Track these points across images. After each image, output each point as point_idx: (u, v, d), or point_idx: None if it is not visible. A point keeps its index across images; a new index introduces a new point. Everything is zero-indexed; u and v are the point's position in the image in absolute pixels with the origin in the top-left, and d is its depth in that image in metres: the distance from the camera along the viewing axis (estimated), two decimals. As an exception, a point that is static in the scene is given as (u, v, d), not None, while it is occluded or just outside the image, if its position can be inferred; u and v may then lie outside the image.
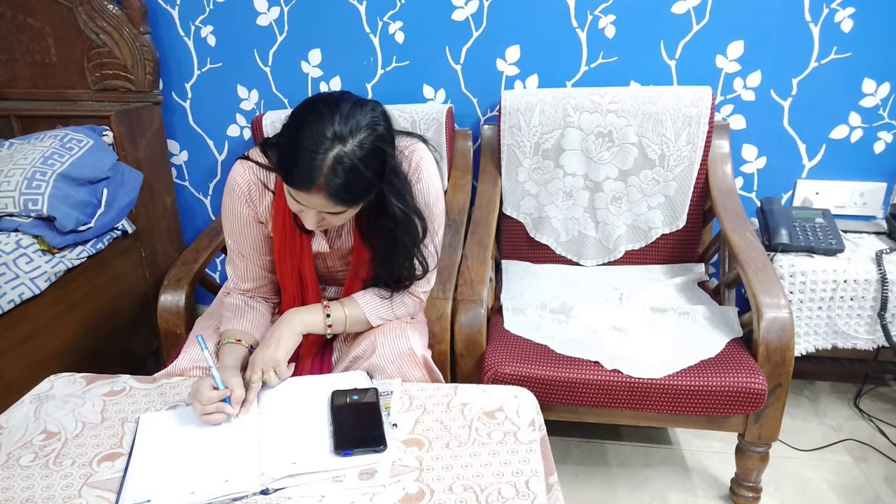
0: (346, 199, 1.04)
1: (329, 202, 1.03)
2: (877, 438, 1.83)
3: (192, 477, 0.94)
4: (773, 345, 1.38)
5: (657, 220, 1.87)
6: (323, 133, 0.99)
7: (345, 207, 1.06)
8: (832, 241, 1.72)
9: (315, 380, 1.17)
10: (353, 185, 1.02)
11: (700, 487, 1.66)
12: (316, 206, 1.05)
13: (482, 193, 1.90)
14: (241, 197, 1.23)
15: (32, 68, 2.10)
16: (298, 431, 1.02)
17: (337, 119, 1.00)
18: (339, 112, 1.01)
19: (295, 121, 1.03)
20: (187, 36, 2.08)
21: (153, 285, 2.09)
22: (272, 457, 0.96)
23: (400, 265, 1.23)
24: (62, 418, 1.09)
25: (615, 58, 1.92)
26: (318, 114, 1.01)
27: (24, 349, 1.64)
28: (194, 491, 0.91)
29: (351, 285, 1.30)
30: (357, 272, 1.28)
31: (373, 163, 1.03)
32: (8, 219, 1.70)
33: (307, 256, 1.27)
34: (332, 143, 0.99)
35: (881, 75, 1.85)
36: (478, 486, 0.91)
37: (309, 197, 1.02)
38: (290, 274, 1.28)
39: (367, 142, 1.02)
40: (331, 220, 1.11)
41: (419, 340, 1.29)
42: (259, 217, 1.26)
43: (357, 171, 1.01)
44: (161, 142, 2.16)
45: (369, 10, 1.97)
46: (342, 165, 0.99)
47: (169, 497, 0.90)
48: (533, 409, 1.08)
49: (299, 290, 1.30)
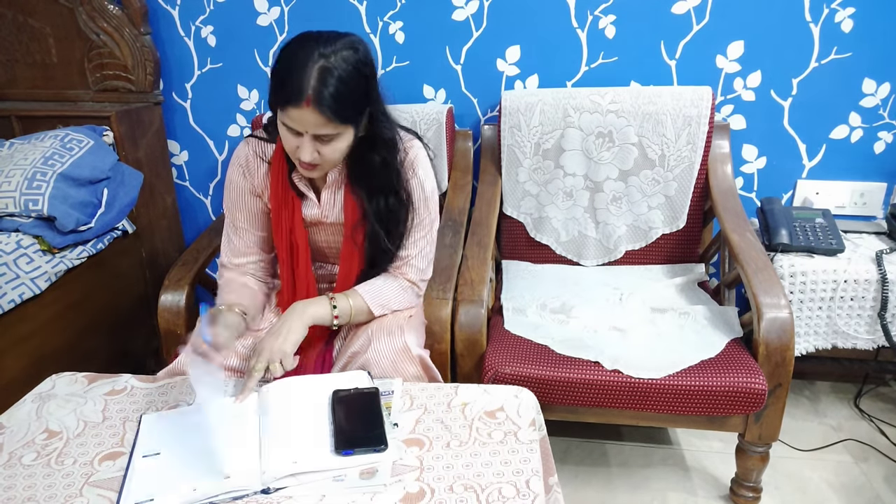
0: (336, 109, 1.08)
1: (320, 116, 1.08)
2: (877, 438, 1.83)
3: (193, 476, 0.94)
4: (774, 345, 1.38)
5: (657, 220, 1.87)
6: (309, 52, 1.08)
7: (336, 125, 1.11)
8: (832, 241, 1.72)
9: (316, 379, 1.17)
10: (340, 94, 1.08)
11: (700, 487, 1.66)
12: (308, 125, 1.10)
13: (482, 193, 1.90)
14: (239, 168, 1.32)
15: (33, 69, 2.10)
16: (299, 431, 1.02)
17: (321, 41, 1.10)
18: (322, 37, 1.11)
19: (282, 52, 1.12)
20: (187, 36, 2.08)
21: (153, 285, 2.09)
22: (273, 456, 0.96)
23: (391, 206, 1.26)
24: (64, 417, 1.09)
25: (615, 58, 1.92)
26: (302, 41, 1.11)
27: (25, 349, 1.64)
28: (195, 489, 0.91)
29: (348, 254, 1.31)
30: (354, 237, 1.29)
31: (358, 77, 1.11)
32: (8, 219, 1.70)
33: (298, 221, 1.30)
34: (318, 58, 1.07)
35: (881, 75, 1.85)
36: (478, 485, 0.91)
37: (300, 113, 1.08)
38: (282, 239, 1.32)
39: (351, 58, 1.10)
40: (325, 152, 1.14)
41: (414, 338, 1.29)
42: (255, 189, 1.33)
43: (343, 80, 1.08)
44: (161, 142, 2.16)
45: (369, 10, 1.97)
46: (330, 75, 1.07)
47: (170, 496, 0.90)
48: (533, 409, 1.08)
49: (290, 256, 1.33)
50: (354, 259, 1.31)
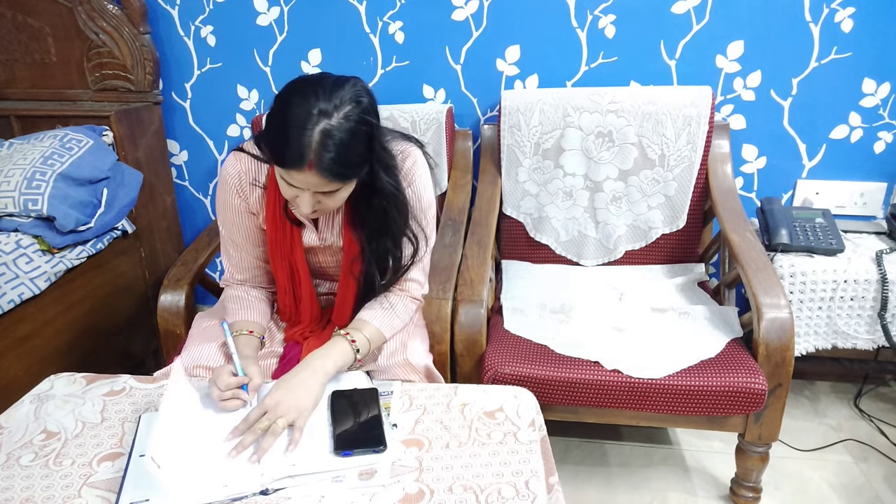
0: (338, 172, 1.03)
1: (322, 179, 1.02)
2: (877, 438, 1.83)
3: (191, 477, 0.93)
4: (773, 345, 1.38)
5: (657, 220, 1.87)
6: (309, 111, 1.00)
7: (338, 184, 1.06)
8: (832, 241, 1.72)
9: None
10: (343, 157, 1.02)
11: (700, 487, 1.66)
12: (309, 185, 1.05)
13: (482, 193, 1.89)
14: (231, 188, 1.25)
15: (32, 68, 2.10)
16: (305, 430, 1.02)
17: (321, 95, 1.01)
18: (322, 89, 1.02)
19: (280, 103, 1.04)
20: (187, 36, 2.08)
21: (153, 285, 2.09)
22: (272, 457, 0.96)
23: (390, 249, 1.23)
24: (62, 418, 1.09)
25: (615, 58, 1.92)
26: (301, 94, 1.02)
27: (24, 349, 1.64)
28: (193, 491, 0.91)
29: (345, 282, 1.29)
30: (351, 269, 1.27)
31: (360, 134, 1.04)
32: (8, 219, 1.70)
33: (298, 249, 1.27)
34: (318, 118, 1.00)
35: (881, 75, 1.85)
36: (478, 486, 0.91)
37: (302, 176, 1.02)
38: (281, 266, 1.29)
39: (353, 114, 1.02)
40: (326, 202, 1.10)
41: (419, 347, 1.29)
42: (250, 208, 1.27)
43: (345, 143, 1.01)
44: (161, 142, 2.16)
45: (369, 10, 1.97)
46: (331, 139, 1.00)
47: (168, 497, 0.90)
48: (533, 409, 1.08)
49: (291, 283, 1.31)
50: (350, 287, 1.29)
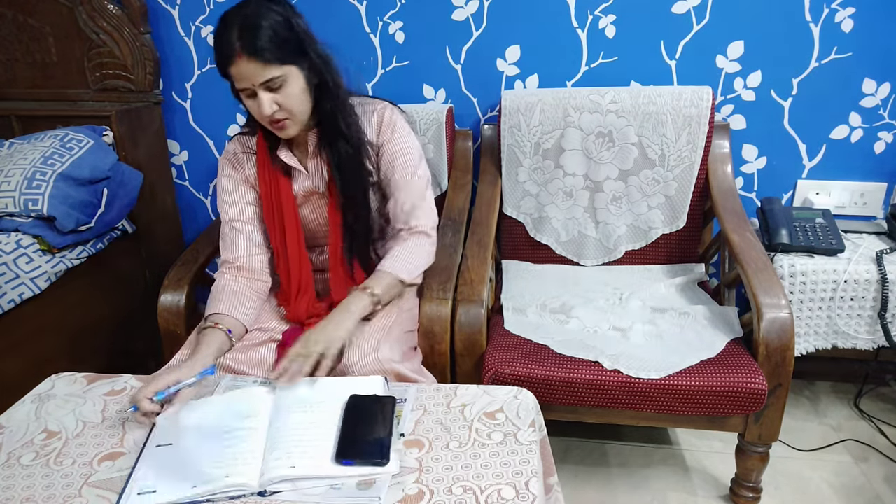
0: (266, 49, 1.15)
1: (255, 62, 1.15)
2: (877, 438, 1.83)
3: (194, 473, 0.94)
4: (774, 345, 1.38)
5: (657, 220, 1.87)
6: (229, 19, 1.17)
7: (274, 67, 1.17)
8: (832, 241, 1.72)
9: (332, 382, 1.15)
10: (264, 37, 1.15)
11: (700, 487, 1.66)
12: (251, 76, 1.17)
13: (482, 193, 1.89)
14: (229, 161, 1.40)
15: (33, 68, 2.10)
16: (305, 435, 1.01)
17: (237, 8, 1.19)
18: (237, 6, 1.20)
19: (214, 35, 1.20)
20: (187, 36, 2.08)
21: (153, 285, 2.08)
22: (274, 459, 0.96)
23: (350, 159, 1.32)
24: (63, 418, 1.09)
25: (615, 58, 1.92)
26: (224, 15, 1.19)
27: (25, 349, 1.64)
28: (196, 485, 0.92)
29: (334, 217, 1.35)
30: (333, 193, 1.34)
31: (276, 17, 1.18)
32: (8, 219, 1.70)
33: (287, 196, 1.34)
34: (236, 19, 1.17)
35: (881, 75, 1.85)
36: (477, 487, 0.91)
37: (238, 69, 1.16)
38: (273, 220, 1.36)
39: (264, 6, 1.18)
40: (282, 100, 1.21)
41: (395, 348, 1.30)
42: (248, 180, 1.39)
43: (264, 25, 1.16)
44: (161, 142, 2.16)
45: (369, 10, 1.97)
46: (249, 24, 1.15)
47: (172, 489, 0.92)
48: (533, 409, 1.08)
49: (282, 236, 1.36)
50: (338, 221, 1.35)
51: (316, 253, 1.45)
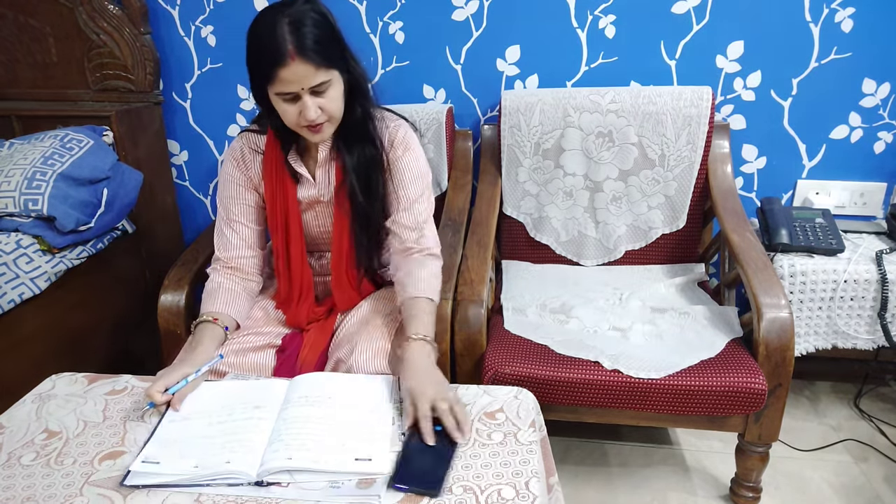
0: (320, 52, 1.12)
1: (308, 63, 1.11)
2: (877, 438, 1.83)
3: (199, 453, 0.97)
4: (774, 345, 1.38)
5: (657, 220, 1.87)
6: (273, 17, 1.12)
7: (324, 70, 1.14)
8: (832, 241, 1.72)
9: (341, 378, 1.17)
10: (318, 38, 1.12)
11: (700, 487, 1.66)
12: (300, 78, 1.12)
13: (482, 193, 1.90)
14: (234, 160, 1.35)
15: (33, 68, 2.10)
16: (304, 428, 1.01)
17: (278, 6, 1.14)
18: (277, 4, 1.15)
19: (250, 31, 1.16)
20: (187, 36, 2.08)
21: (153, 285, 2.08)
22: (273, 451, 0.96)
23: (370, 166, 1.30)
24: (64, 417, 1.09)
25: (615, 58, 1.92)
26: (262, 13, 1.15)
27: (25, 349, 1.64)
28: (197, 466, 0.94)
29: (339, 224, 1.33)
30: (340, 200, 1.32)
31: (323, 20, 1.15)
32: (8, 219, 1.70)
33: (293, 205, 1.32)
34: (282, 17, 1.11)
35: (881, 75, 1.85)
36: (478, 487, 0.91)
37: (289, 71, 1.11)
38: (277, 225, 1.34)
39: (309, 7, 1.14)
40: (325, 104, 1.17)
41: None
42: (251, 181, 1.35)
43: (315, 25, 1.12)
44: (161, 142, 2.16)
45: (369, 10, 1.97)
46: (302, 24, 1.11)
47: (174, 465, 0.94)
48: (534, 410, 1.08)
49: (284, 240, 1.34)
50: (345, 227, 1.33)
51: (315, 258, 1.44)
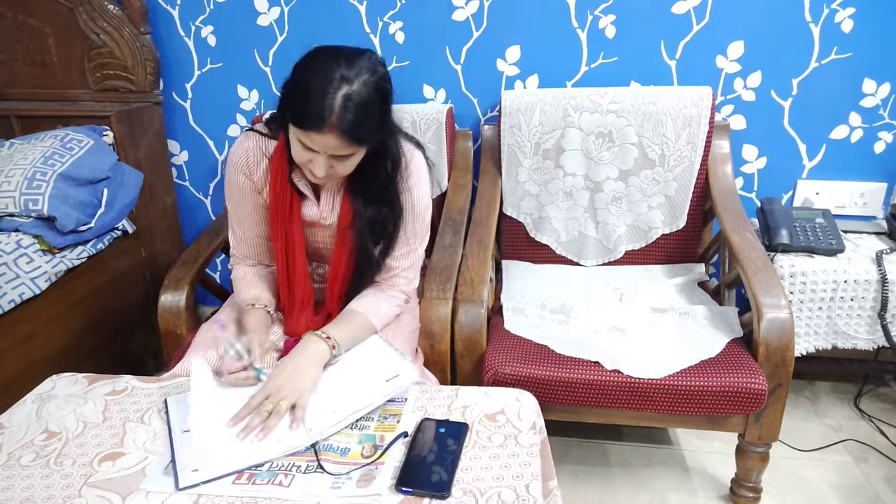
0: (357, 136, 1.08)
1: (341, 141, 1.07)
2: (877, 438, 1.83)
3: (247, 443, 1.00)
4: (774, 345, 1.38)
5: (657, 220, 1.87)
6: (331, 76, 1.05)
7: (355, 147, 1.11)
8: (832, 242, 1.72)
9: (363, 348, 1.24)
10: (362, 121, 1.07)
11: (700, 487, 1.66)
12: (327, 148, 1.09)
13: (482, 193, 1.89)
14: (238, 166, 1.31)
15: (33, 68, 2.10)
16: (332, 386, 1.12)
17: (342, 63, 1.07)
18: (343, 57, 1.08)
19: (303, 67, 1.10)
20: (187, 36, 2.08)
21: (153, 285, 2.09)
22: (313, 414, 1.04)
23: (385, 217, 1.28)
24: (64, 418, 1.09)
25: (615, 58, 1.92)
26: (323, 60, 1.08)
27: (24, 349, 1.64)
28: (251, 455, 0.97)
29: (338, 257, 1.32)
30: (344, 238, 1.30)
31: (377, 101, 1.10)
32: (8, 219, 1.70)
33: (297, 219, 1.31)
34: (340, 83, 1.05)
35: (881, 75, 1.85)
36: (477, 489, 0.90)
37: (321, 138, 1.07)
38: (279, 236, 1.33)
39: (371, 81, 1.08)
40: (338, 167, 1.14)
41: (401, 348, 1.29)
42: (256, 186, 1.33)
43: (366, 108, 1.07)
44: (161, 142, 2.16)
45: (369, 10, 1.97)
46: (352, 102, 1.05)
47: (228, 464, 0.96)
48: (534, 412, 1.08)
49: (285, 255, 1.33)
50: (343, 261, 1.32)
51: (313, 267, 1.44)
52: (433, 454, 0.97)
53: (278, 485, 0.92)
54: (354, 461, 0.97)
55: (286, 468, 0.96)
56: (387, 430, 1.04)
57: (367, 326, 1.28)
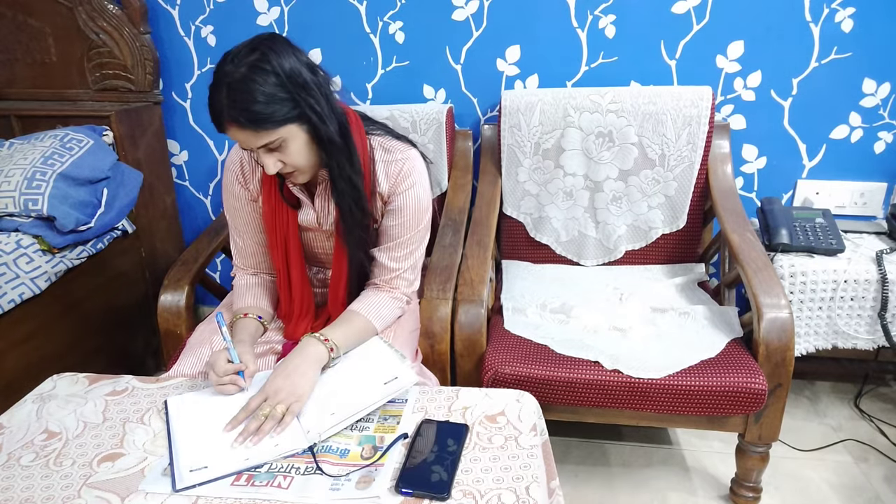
0: (252, 118, 1.06)
1: (246, 130, 1.07)
2: (877, 438, 1.83)
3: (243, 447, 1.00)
4: (774, 345, 1.38)
5: (657, 220, 1.87)
6: (217, 77, 1.08)
7: (265, 132, 1.08)
8: (832, 241, 1.72)
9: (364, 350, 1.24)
10: (249, 105, 1.05)
11: (700, 487, 1.66)
12: (245, 141, 1.10)
13: (482, 193, 1.89)
14: (233, 175, 1.32)
15: (32, 68, 2.10)
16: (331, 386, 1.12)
17: (227, 59, 1.08)
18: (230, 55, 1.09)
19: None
20: (187, 36, 2.08)
21: (153, 285, 2.09)
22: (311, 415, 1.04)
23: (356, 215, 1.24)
24: (64, 418, 1.09)
25: (615, 58, 1.92)
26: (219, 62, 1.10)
27: (24, 349, 1.64)
28: (248, 458, 0.97)
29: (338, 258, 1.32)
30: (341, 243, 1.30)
31: (263, 78, 1.06)
32: (8, 219, 1.70)
33: (293, 228, 1.31)
34: (222, 79, 1.07)
35: (881, 75, 1.85)
36: (477, 491, 0.90)
37: (233, 134, 1.09)
38: (276, 245, 1.33)
39: (251, 61, 1.06)
40: (285, 158, 1.14)
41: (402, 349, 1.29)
42: (251, 195, 1.33)
43: (248, 91, 1.05)
44: (161, 142, 2.16)
45: (369, 10, 1.97)
46: (233, 90, 1.05)
47: (225, 465, 0.96)
48: (535, 413, 1.07)
49: (285, 264, 1.34)
50: (343, 265, 1.32)
51: (313, 272, 1.44)
52: (433, 455, 0.97)
53: (277, 486, 0.92)
54: (354, 462, 0.96)
55: (285, 470, 0.96)
56: (387, 431, 1.04)
57: (367, 328, 1.27)
